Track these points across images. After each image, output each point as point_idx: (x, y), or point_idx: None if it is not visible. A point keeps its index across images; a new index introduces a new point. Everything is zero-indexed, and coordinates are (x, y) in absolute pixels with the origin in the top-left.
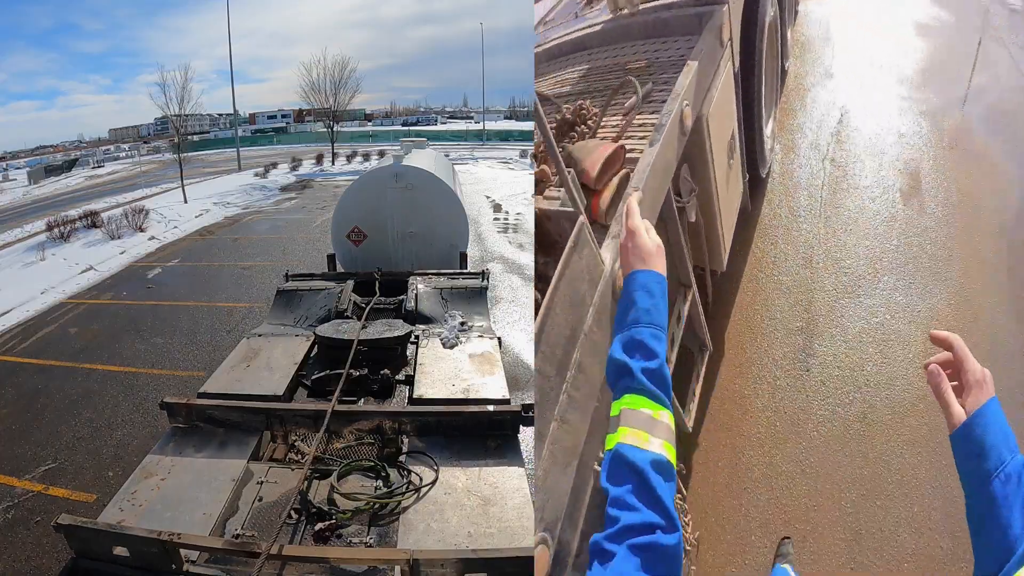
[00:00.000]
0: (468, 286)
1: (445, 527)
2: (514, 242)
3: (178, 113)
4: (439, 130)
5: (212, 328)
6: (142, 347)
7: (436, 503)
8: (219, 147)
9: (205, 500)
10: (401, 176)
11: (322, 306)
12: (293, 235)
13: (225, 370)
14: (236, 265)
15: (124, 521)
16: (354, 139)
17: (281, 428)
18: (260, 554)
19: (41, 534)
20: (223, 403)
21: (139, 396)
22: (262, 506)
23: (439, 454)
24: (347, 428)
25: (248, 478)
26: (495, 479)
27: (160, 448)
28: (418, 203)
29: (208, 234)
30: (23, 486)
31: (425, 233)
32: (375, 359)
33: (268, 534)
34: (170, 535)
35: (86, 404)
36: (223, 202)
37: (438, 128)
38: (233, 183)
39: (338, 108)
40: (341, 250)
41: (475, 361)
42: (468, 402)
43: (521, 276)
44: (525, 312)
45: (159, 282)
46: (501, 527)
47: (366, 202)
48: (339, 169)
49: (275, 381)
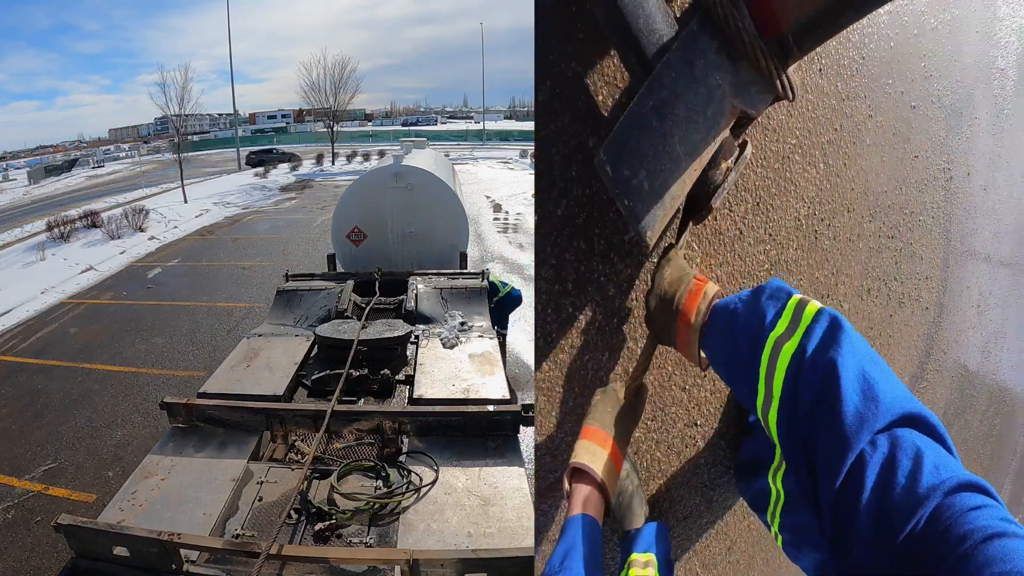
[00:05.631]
0: (468, 286)
1: (445, 527)
2: (514, 242)
3: (178, 113)
4: (439, 130)
5: (212, 328)
6: (142, 347)
7: (436, 503)
8: (219, 147)
9: (205, 500)
10: (401, 176)
11: (322, 306)
12: (293, 235)
13: (225, 370)
14: (236, 265)
15: (124, 521)
16: (354, 139)
17: (281, 428)
18: (260, 554)
19: (41, 534)
20: (223, 403)
21: (139, 396)
22: (262, 506)
23: (439, 454)
24: (347, 428)
25: (248, 478)
26: (495, 479)
27: (160, 448)
28: (418, 203)
29: (208, 234)
30: (23, 486)
31: (425, 233)
32: (375, 359)
33: (268, 534)
34: (170, 535)
35: (86, 404)
36: (223, 202)
37: (438, 128)
38: (233, 183)
39: (338, 108)
40: (341, 250)
41: (475, 361)
42: (468, 402)
43: (521, 276)
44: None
45: (159, 282)
46: (501, 527)
47: (366, 202)
48: (339, 169)
49: (275, 381)
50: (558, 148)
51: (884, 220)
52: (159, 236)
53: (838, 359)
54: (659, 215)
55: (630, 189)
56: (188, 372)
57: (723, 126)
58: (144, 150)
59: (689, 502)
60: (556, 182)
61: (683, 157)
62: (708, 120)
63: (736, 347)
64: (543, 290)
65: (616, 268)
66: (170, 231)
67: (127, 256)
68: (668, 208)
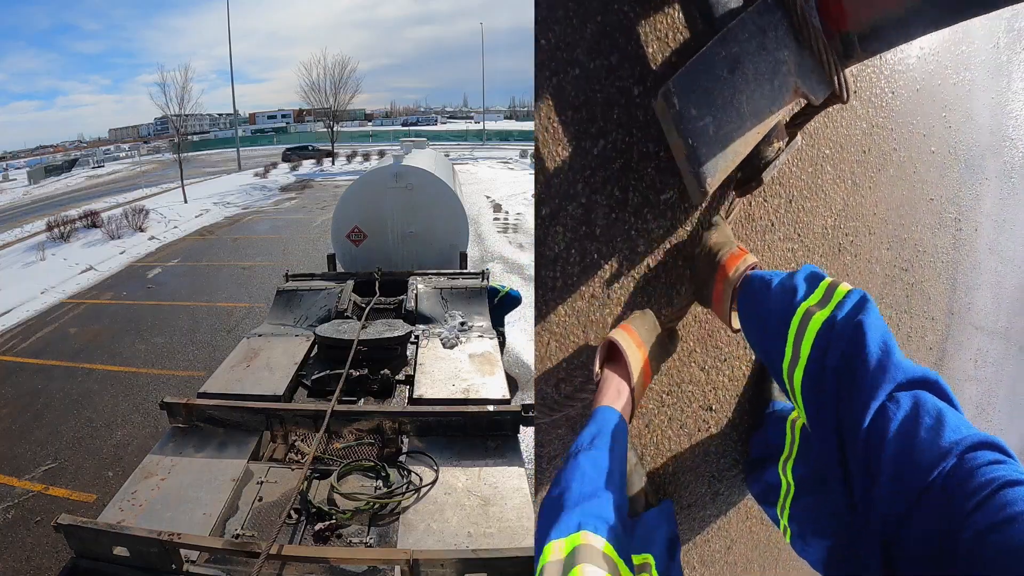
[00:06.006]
0: (468, 286)
1: (445, 527)
2: (514, 242)
3: (178, 113)
4: (439, 130)
5: (212, 328)
6: (142, 347)
7: (436, 503)
8: (219, 147)
9: (205, 500)
10: (401, 176)
11: (322, 306)
12: (293, 235)
13: (225, 370)
14: (236, 265)
15: (124, 521)
16: (354, 139)
17: (281, 428)
18: (260, 554)
19: (41, 534)
20: (223, 403)
21: (139, 396)
22: (262, 506)
23: (439, 454)
24: (347, 428)
25: (248, 478)
26: (495, 479)
27: (160, 448)
28: (418, 203)
29: (208, 234)
30: (23, 486)
31: (425, 233)
32: (375, 359)
33: (268, 534)
34: (170, 535)
35: (86, 404)
36: (223, 202)
37: (438, 128)
38: (233, 183)
39: (338, 108)
40: (341, 250)
41: (475, 361)
42: (468, 402)
43: (521, 276)
44: (525, 312)
45: (159, 282)
46: (501, 527)
47: (366, 202)
48: (339, 169)
49: (275, 381)
50: (602, 87)
51: (899, 251)
52: (159, 236)
53: (866, 321)
54: (720, 165)
55: (696, 129)
56: (188, 372)
57: (785, 101)
58: (144, 150)
59: (695, 490)
60: (596, 119)
61: (748, 117)
62: (773, 90)
63: (769, 311)
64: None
65: (649, 226)
66: (170, 231)
67: (127, 256)
68: (730, 161)
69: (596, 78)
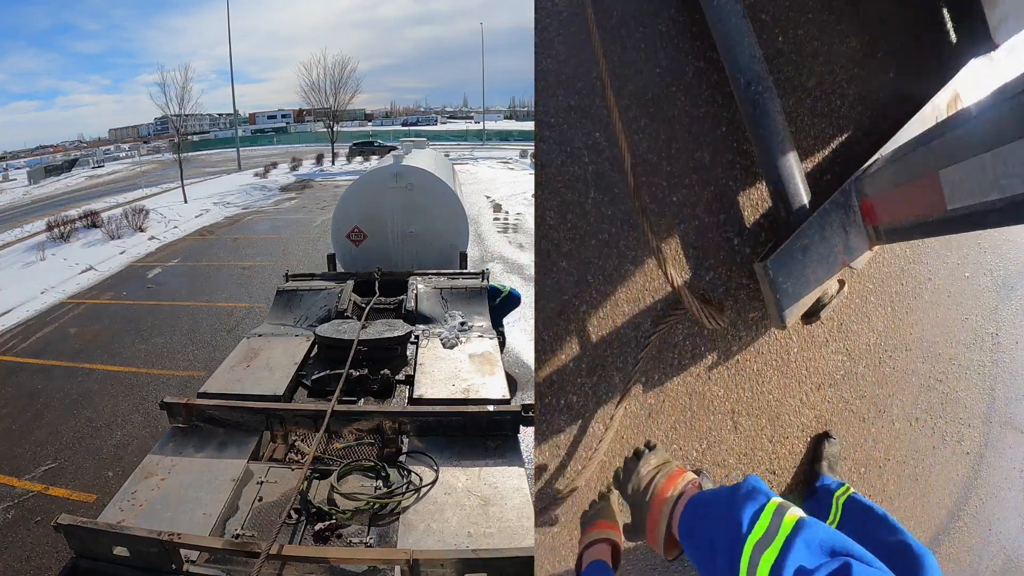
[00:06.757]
0: (468, 286)
1: (445, 527)
2: (514, 242)
3: (178, 113)
4: (439, 130)
5: (212, 328)
6: (142, 347)
7: (436, 503)
8: (219, 147)
9: (205, 500)
10: (401, 176)
11: (322, 306)
12: (293, 235)
13: (225, 370)
14: (236, 265)
15: (124, 521)
16: (354, 139)
17: (281, 428)
18: (260, 554)
19: (41, 534)
20: (223, 403)
21: (139, 396)
22: (262, 506)
23: (439, 454)
24: (347, 428)
25: (248, 478)
26: (495, 479)
27: (160, 448)
28: (418, 203)
29: (208, 234)
30: (23, 486)
31: (425, 233)
32: (375, 359)
33: (268, 534)
34: (170, 535)
35: (86, 404)
36: (223, 202)
37: (438, 128)
38: (233, 183)
39: (338, 108)
40: (341, 250)
41: (475, 361)
42: (468, 402)
43: (521, 276)
44: (525, 312)
45: (159, 282)
46: (501, 527)
47: (366, 202)
48: (339, 169)
49: (275, 381)
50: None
51: (934, 364)
52: (159, 236)
53: None
54: (794, 311)
55: (782, 291)
56: (188, 372)
57: (835, 272)
58: (144, 150)
59: None
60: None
61: (812, 283)
62: (828, 266)
63: (714, 549)
64: None
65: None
66: (170, 231)
67: (127, 256)
68: (800, 309)
69: (710, 229)
